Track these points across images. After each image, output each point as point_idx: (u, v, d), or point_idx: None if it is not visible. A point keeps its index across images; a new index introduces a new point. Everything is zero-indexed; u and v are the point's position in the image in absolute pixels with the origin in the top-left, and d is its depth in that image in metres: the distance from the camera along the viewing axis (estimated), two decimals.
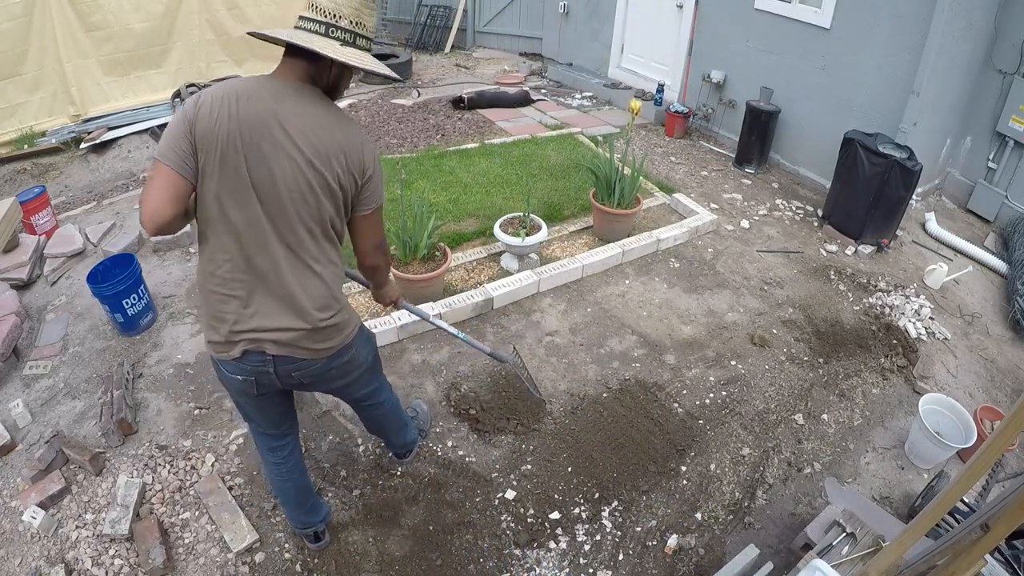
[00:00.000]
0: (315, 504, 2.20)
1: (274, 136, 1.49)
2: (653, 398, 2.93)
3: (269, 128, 1.49)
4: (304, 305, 1.63)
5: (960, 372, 3.30)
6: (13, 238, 3.74)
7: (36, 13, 5.51)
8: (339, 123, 1.59)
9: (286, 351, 1.67)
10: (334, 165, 1.55)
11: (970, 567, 1.43)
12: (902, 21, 4.15)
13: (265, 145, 1.49)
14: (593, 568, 2.25)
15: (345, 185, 1.60)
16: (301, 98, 1.55)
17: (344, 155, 1.56)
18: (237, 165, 1.49)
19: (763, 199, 4.76)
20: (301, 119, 1.52)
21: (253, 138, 1.48)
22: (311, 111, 1.55)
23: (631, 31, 6.66)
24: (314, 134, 1.52)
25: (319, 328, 1.67)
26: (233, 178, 1.50)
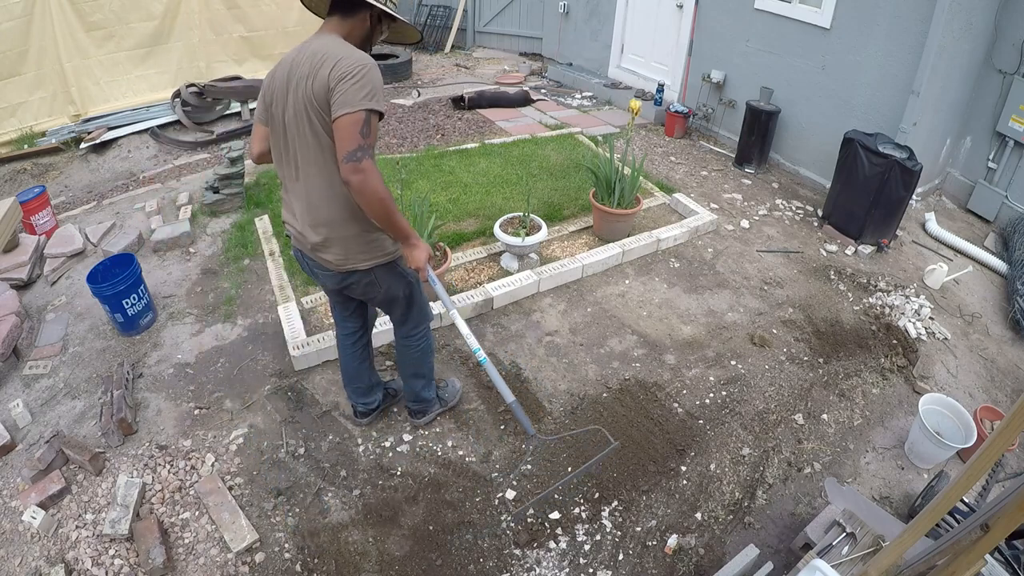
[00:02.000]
0: (366, 390, 2.61)
1: (287, 80, 1.86)
2: (653, 398, 2.93)
3: (287, 75, 1.87)
4: (307, 220, 1.98)
5: (960, 372, 3.30)
6: (13, 238, 3.74)
7: (36, 13, 5.51)
8: (324, 50, 1.79)
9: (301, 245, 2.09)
10: (307, 86, 1.79)
11: (970, 567, 1.43)
12: (902, 21, 4.15)
13: (280, 90, 1.88)
14: (593, 568, 2.25)
15: (315, 105, 1.79)
16: (314, 42, 1.86)
17: (313, 75, 1.78)
18: (273, 109, 1.94)
19: (763, 199, 4.76)
20: (303, 58, 1.83)
21: (277, 87, 1.90)
22: (313, 48, 1.83)
23: (631, 31, 6.66)
24: (303, 65, 1.81)
25: (316, 243, 2.00)
26: (272, 119, 1.96)
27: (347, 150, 1.74)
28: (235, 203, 4.33)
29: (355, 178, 1.75)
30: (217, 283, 3.61)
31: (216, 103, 6.08)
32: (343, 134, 1.74)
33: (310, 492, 2.45)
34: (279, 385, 2.92)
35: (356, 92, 1.73)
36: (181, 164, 5.42)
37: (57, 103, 5.92)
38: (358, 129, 1.73)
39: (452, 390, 2.83)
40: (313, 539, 2.29)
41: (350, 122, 1.73)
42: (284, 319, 3.19)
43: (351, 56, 1.77)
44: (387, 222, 1.89)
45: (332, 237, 1.98)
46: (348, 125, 1.73)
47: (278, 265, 3.68)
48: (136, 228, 4.00)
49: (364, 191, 1.77)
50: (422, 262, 2.04)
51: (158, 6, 6.09)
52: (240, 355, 3.09)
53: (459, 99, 6.36)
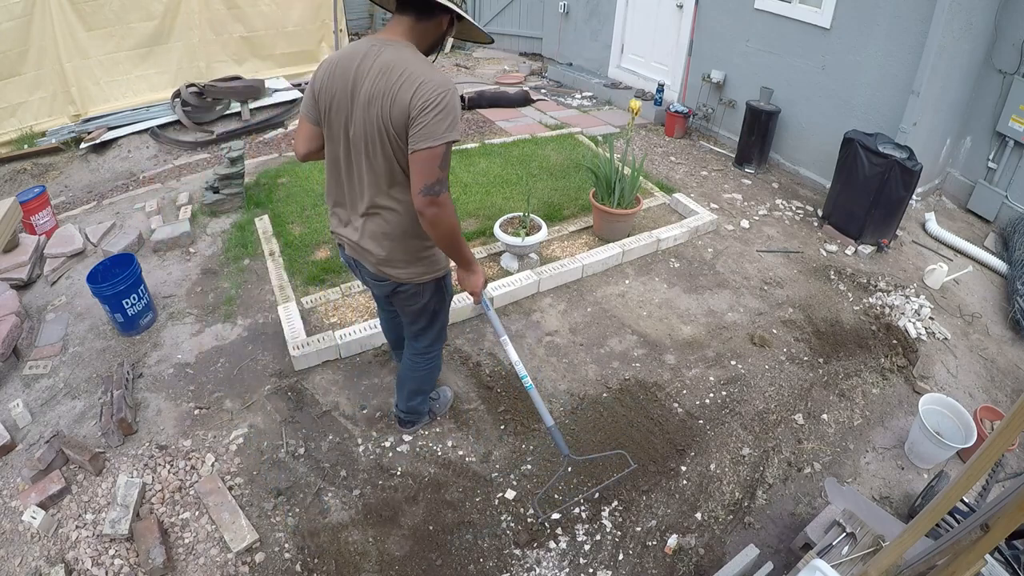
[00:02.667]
0: None
1: (351, 90, 1.78)
2: (653, 398, 2.93)
3: (350, 83, 1.78)
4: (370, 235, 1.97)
5: (960, 372, 3.30)
6: (13, 238, 3.74)
7: (36, 13, 5.51)
8: (402, 67, 1.70)
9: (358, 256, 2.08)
10: (384, 108, 1.72)
11: (970, 567, 1.43)
12: (902, 21, 4.15)
13: (347, 98, 1.79)
14: (593, 568, 2.25)
15: (391, 127, 1.73)
16: (387, 51, 1.75)
17: (392, 97, 1.69)
18: (331, 114, 1.86)
19: (763, 199, 4.76)
20: (375, 70, 1.73)
21: (338, 92, 1.81)
22: (385, 60, 1.73)
23: (631, 31, 6.66)
24: (377, 81, 1.72)
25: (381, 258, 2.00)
26: (329, 125, 1.89)
27: (425, 183, 1.72)
28: (235, 203, 4.33)
29: (431, 211, 1.75)
30: (217, 283, 3.61)
31: (216, 103, 6.08)
32: (422, 167, 1.71)
33: (310, 492, 2.45)
34: (279, 385, 2.92)
35: (439, 124, 1.68)
36: (181, 164, 5.42)
37: (57, 103, 5.92)
38: (438, 163, 1.71)
39: (443, 401, 2.80)
40: (313, 539, 2.29)
41: (431, 156, 1.69)
42: (284, 319, 3.19)
43: (432, 80, 1.68)
44: (454, 251, 1.95)
45: (395, 253, 1.99)
46: (429, 159, 1.70)
47: (278, 265, 3.68)
48: (136, 228, 4.00)
49: (438, 224, 1.79)
50: (479, 288, 2.10)
51: (158, 6, 6.09)
52: (240, 355, 3.09)
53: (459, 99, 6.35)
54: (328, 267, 3.64)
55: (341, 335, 3.07)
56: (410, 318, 2.29)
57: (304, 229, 4.02)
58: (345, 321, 3.27)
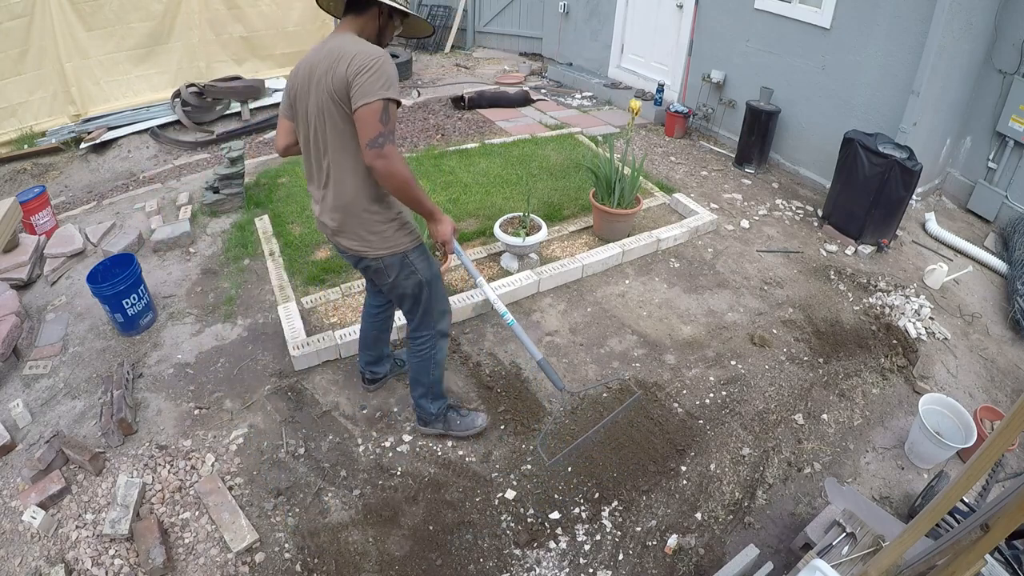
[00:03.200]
0: (376, 360, 2.79)
1: (308, 76, 1.97)
2: (653, 398, 2.93)
3: (308, 73, 1.97)
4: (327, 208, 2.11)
5: (960, 372, 3.30)
6: (13, 238, 3.74)
7: (36, 13, 5.51)
8: (341, 47, 1.89)
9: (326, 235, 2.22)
10: (327, 82, 1.89)
11: (970, 567, 1.43)
12: (902, 21, 4.15)
13: (303, 85, 2.00)
14: (593, 568, 2.25)
15: (335, 98, 1.89)
16: (330, 42, 1.96)
17: (333, 72, 1.87)
18: (296, 104, 2.06)
19: (763, 199, 4.76)
20: (322, 55, 1.93)
21: (300, 84, 2.02)
22: (330, 46, 1.93)
23: (631, 31, 6.66)
24: (323, 63, 1.91)
25: (333, 228, 2.14)
26: (298, 115, 2.08)
27: (369, 137, 1.86)
28: (235, 203, 4.33)
29: (379, 163, 1.88)
30: (217, 283, 3.61)
31: (216, 103, 6.08)
32: (364, 123, 1.85)
33: (310, 492, 2.45)
34: (279, 385, 2.92)
35: (373, 83, 1.83)
36: (181, 164, 5.42)
37: (57, 103, 5.92)
38: (377, 117, 1.85)
39: (467, 423, 2.67)
40: (313, 539, 2.29)
41: (369, 111, 1.84)
42: (284, 319, 3.19)
43: (364, 51, 1.87)
44: (412, 201, 2.04)
45: (347, 224, 2.11)
46: (368, 115, 1.84)
47: (278, 265, 3.68)
48: (136, 228, 4.00)
49: (389, 174, 1.90)
50: (448, 235, 2.19)
51: (158, 6, 6.09)
52: (240, 355, 3.09)
53: (459, 99, 6.36)
54: (328, 267, 3.64)
55: (341, 335, 3.07)
56: (396, 299, 2.39)
57: (304, 229, 4.02)
58: (345, 321, 3.27)
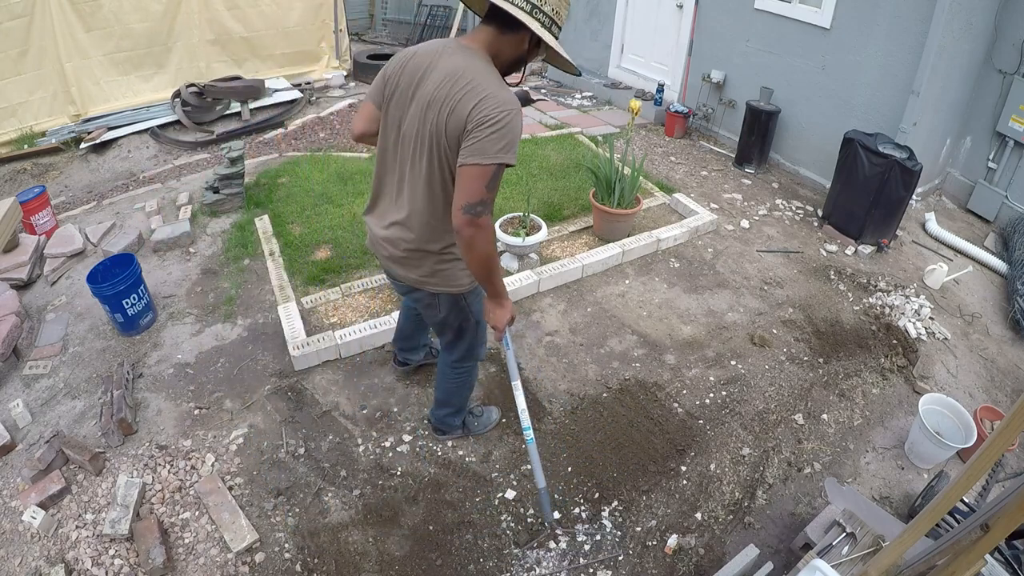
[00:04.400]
0: (412, 348, 2.79)
1: (415, 85, 1.75)
2: (653, 398, 2.93)
3: (416, 79, 1.75)
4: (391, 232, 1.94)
5: (960, 372, 3.30)
6: (13, 238, 3.74)
7: (36, 13, 5.50)
8: (468, 76, 1.65)
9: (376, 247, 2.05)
10: (441, 114, 1.67)
11: (970, 567, 1.43)
12: (902, 21, 4.15)
13: (408, 92, 1.77)
14: (593, 568, 2.25)
15: (443, 136, 1.68)
16: (458, 56, 1.70)
17: (452, 105, 1.64)
18: (389, 104, 1.84)
19: (763, 199, 4.76)
20: (440, 72, 1.69)
21: (402, 86, 1.78)
22: (453, 65, 1.68)
23: (631, 31, 6.66)
24: (441, 85, 1.67)
25: (394, 256, 1.98)
26: (387, 114, 1.86)
27: (467, 201, 1.64)
28: (235, 203, 4.33)
29: (468, 231, 1.67)
30: (217, 283, 3.61)
31: (216, 103, 6.08)
32: (468, 184, 1.64)
33: (310, 492, 2.45)
34: (279, 385, 2.92)
35: (493, 143, 1.61)
36: (181, 164, 5.42)
37: (57, 103, 5.92)
38: (484, 183, 1.63)
39: (484, 421, 2.71)
40: (313, 539, 2.29)
41: (479, 174, 1.63)
42: (284, 319, 3.19)
43: (496, 96, 1.62)
44: (485, 278, 1.86)
45: (413, 257, 1.94)
46: (476, 177, 1.63)
47: (278, 265, 3.68)
48: (136, 228, 4.00)
49: (474, 246, 1.70)
50: (503, 324, 2.00)
51: (158, 6, 6.09)
52: (240, 355, 3.09)
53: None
54: (328, 267, 3.64)
55: (341, 335, 3.07)
56: (436, 328, 2.26)
57: (304, 229, 4.02)
58: (345, 321, 3.27)
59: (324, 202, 4.31)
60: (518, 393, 2.14)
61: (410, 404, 2.85)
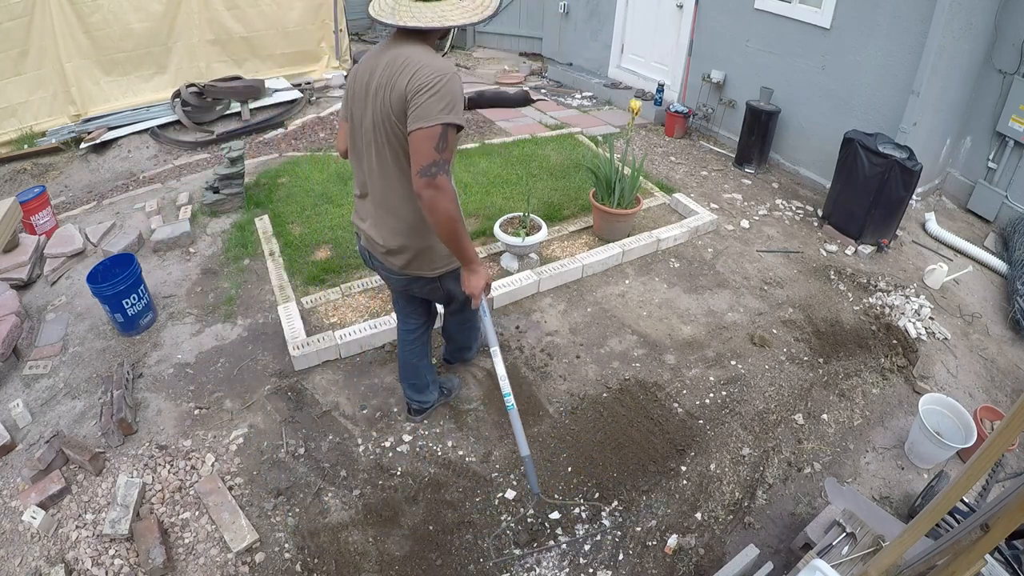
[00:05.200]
0: (421, 387, 2.62)
1: (366, 84, 1.85)
2: (653, 398, 2.93)
3: (365, 78, 1.86)
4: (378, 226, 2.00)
5: (960, 372, 3.30)
6: (13, 238, 3.74)
7: (36, 13, 5.50)
8: (404, 57, 1.77)
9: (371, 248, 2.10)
10: (385, 96, 1.78)
11: (970, 567, 1.43)
12: (902, 21, 4.15)
13: (360, 92, 1.88)
14: (593, 568, 2.25)
15: (391, 116, 1.78)
16: (394, 47, 1.82)
17: (392, 84, 1.76)
18: (351, 110, 1.95)
19: (763, 199, 4.76)
20: (383, 63, 1.81)
21: (358, 89, 1.89)
22: (392, 55, 1.80)
23: (631, 31, 6.66)
24: (383, 72, 1.79)
25: (387, 248, 2.03)
26: (351, 117, 1.96)
27: (421, 164, 1.72)
28: (235, 203, 4.33)
29: (427, 193, 1.74)
30: (217, 283, 3.61)
31: (216, 103, 6.08)
32: (418, 148, 1.72)
33: (310, 492, 2.45)
34: (279, 385, 2.92)
35: (433, 105, 1.70)
36: (181, 164, 5.42)
37: (57, 103, 5.92)
38: (433, 144, 1.71)
39: (454, 385, 2.90)
40: (313, 539, 2.29)
41: (425, 136, 1.70)
42: (284, 319, 3.19)
43: (429, 65, 1.72)
44: (453, 242, 1.88)
45: (404, 244, 2.00)
46: (423, 139, 1.71)
47: (278, 265, 3.68)
48: (136, 228, 4.00)
49: (435, 207, 1.76)
50: (478, 290, 2.03)
51: (158, 6, 6.09)
52: (240, 355, 3.09)
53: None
54: (328, 267, 3.64)
55: (341, 335, 3.07)
56: (442, 301, 2.34)
57: (304, 229, 4.02)
58: (345, 321, 3.27)
59: (324, 202, 4.31)
60: (497, 359, 2.13)
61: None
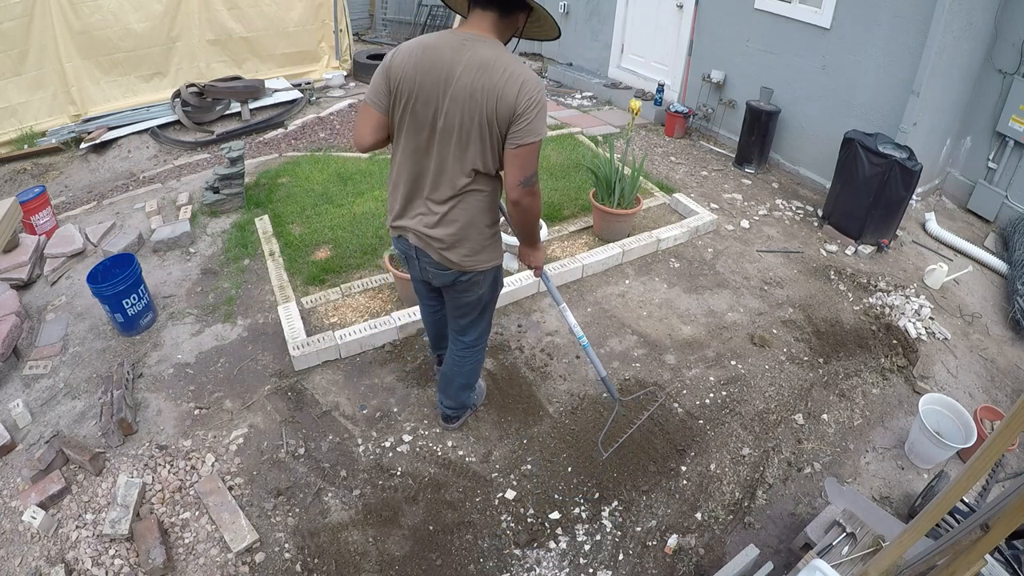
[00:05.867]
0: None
1: (446, 80, 1.80)
2: (653, 398, 2.93)
3: (443, 74, 1.80)
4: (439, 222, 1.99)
5: (960, 372, 3.30)
6: (13, 238, 3.74)
7: (36, 13, 5.50)
8: (502, 64, 1.78)
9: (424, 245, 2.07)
10: (489, 102, 1.77)
11: (970, 567, 1.43)
12: (902, 21, 4.15)
13: (437, 88, 1.81)
14: (593, 568, 2.25)
15: (495, 123, 1.81)
16: (480, 46, 1.80)
17: (499, 93, 1.77)
18: (415, 104, 1.85)
19: (763, 199, 4.76)
20: (472, 64, 1.78)
21: (426, 84, 1.82)
22: (482, 56, 1.78)
23: (631, 31, 6.66)
24: (478, 76, 1.77)
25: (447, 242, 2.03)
26: (413, 114, 1.88)
27: (526, 175, 1.85)
28: (235, 203, 4.33)
29: (528, 200, 1.90)
30: (217, 283, 3.61)
31: (216, 103, 6.08)
32: (523, 161, 1.83)
33: (310, 492, 2.45)
34: (279, 385, 2.92)
35: (540, 122, 1.81)
36: (181, 164, 5.42)
37: (57, 103, 5.92)
38: (536, 156, 1.85)
39: (480, 392, 2.85)
40: (313, 539, 2.29)
41: (532, 150, 1.83)
42: (284, 319, 3.19)
43: (532, 80, 1.79)
44: (531, 232, 2.11)
45: (466, 238, 2.04)
46: (531, 152, 1.83)
47: (278, 265, 3.68)
48: (136, 228, 4.00)
49: (531, 211, 1.95)
50: (542, 262, 2.29)
51: (158, 6, 6.09)
52: (240, 355, 3.09)
53: None
54: (328, 267, 3.64)
55: (341, 335, 3.07)
56: (462, 311, 2.32)
57: (304, 229, 4.02)
58: (345, 321, 3.27)
59: (324, 202, 4.31)
60: (567, 313, 2.43)
61: (410, 404, 2.85)
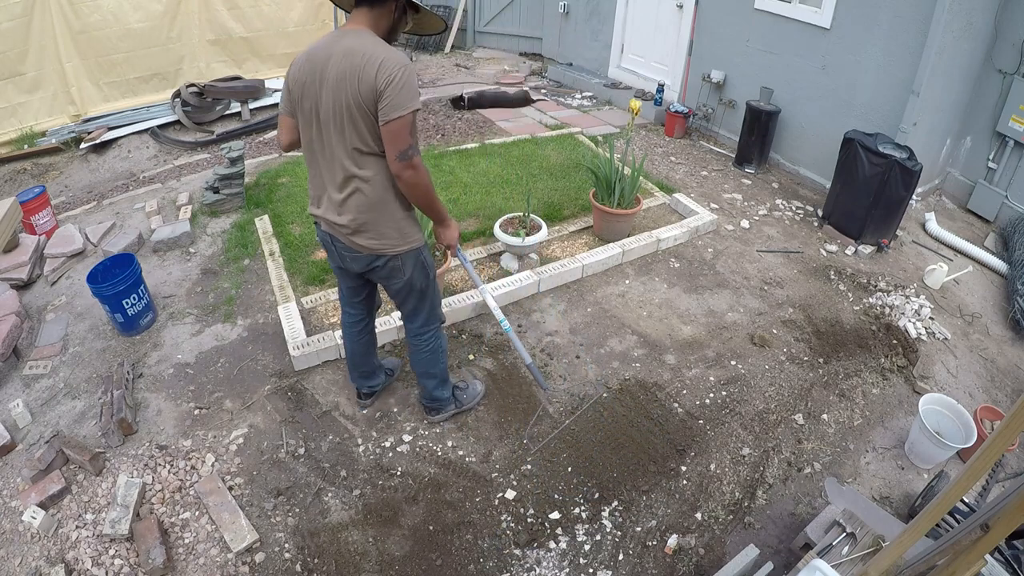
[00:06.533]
0: (369, 374, 2.73)
1: (319, 74, 1.93)
2: (653, 398, 2.93)
3: (319, 69, 1.93)
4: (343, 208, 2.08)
5: (960, 372, 3.30)
6: (13, 238, 3.74)
7: (36, 13, 5.51)
8: (363, 49, 1.87)
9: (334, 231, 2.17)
10: (352, 86, 1.87)
11: (970, 567, 1.43)
12: (902, 21, 4.15)
13: (315, 83, 1.94)
14: (593, 568, 2.25)
15: (362, 103, 1.88)
16: (348, 38, 1.92)
17: (358, 75, 1.86)
18: (303, 101, 2.01)
19: (763, 199, 4.76)
20: (338, 54, 1.89)
21: (307, 81, 1.96)
22: (347, 45, 1.89)
23: (631, 31, 6.66)
24: (342, 63, 1.88)
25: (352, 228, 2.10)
26: (302, 111, 2.03)
27: (400, 149, 1.92)
28: (235, 203, 4.33)
29: (407, 174, 1.96)
30: (217, 283, 3.61)
31: (216, 103, 6.08)
32: (395, 136, 1.90)
33: (310, 492, 2.46)
34: (279, 385, 2.92)
35: (404, 97, 1.86)
36: (181, 164, 5.42)
37: (57, 103, 5.92)
38: (408, 130, 1.91)
39: (472, 393, 2.83)
40: (313, 539, 2.29)
41: (401, 125, 1.89)
42: (284, 319, 3.19)
43: (392, 58, 1.87)
44: (430, 207, 2.13)
45: (371, 222, 2.10)
46: (400, 128, 1.89)
47: (278, 265, 3.68)
48: (136, 228, 4.00)
49: (417, 183, 2.00)
50: (454, 239, 2.33)
51: (157, 6, 6.09)
52: (240, 355, 3.09)
53: (459, 99, 6.36)
54: (328, 267, 3.64)
55: (341, 335, 3.07)
56: (399, 298, 2.37)
57: (304, 229, 4.02)
58: None
59: None
60: (487, 295, 2.45)
61: (410, 404, 2.85)
